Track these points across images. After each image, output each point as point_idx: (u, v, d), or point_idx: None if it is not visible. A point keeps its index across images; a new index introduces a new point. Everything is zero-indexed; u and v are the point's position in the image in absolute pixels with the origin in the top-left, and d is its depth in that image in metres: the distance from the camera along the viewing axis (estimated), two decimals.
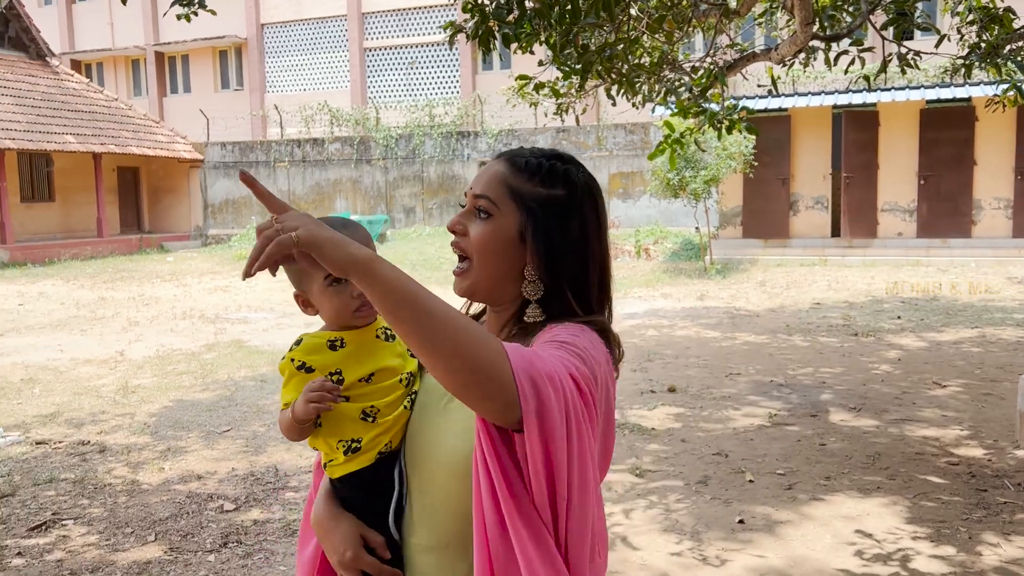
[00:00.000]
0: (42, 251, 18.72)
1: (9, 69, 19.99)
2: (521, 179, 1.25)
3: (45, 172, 21.05)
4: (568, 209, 1.24)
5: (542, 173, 1.26)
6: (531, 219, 1.23)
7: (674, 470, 4.76)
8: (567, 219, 1.24)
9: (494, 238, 1.24)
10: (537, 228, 1.23)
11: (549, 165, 1.27)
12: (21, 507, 4.32)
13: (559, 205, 1.24)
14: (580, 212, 1.25)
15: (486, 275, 1.25)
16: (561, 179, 1.26)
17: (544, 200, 1.24)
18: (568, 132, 19.46)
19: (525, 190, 1.24)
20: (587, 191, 1.27)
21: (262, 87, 26.35)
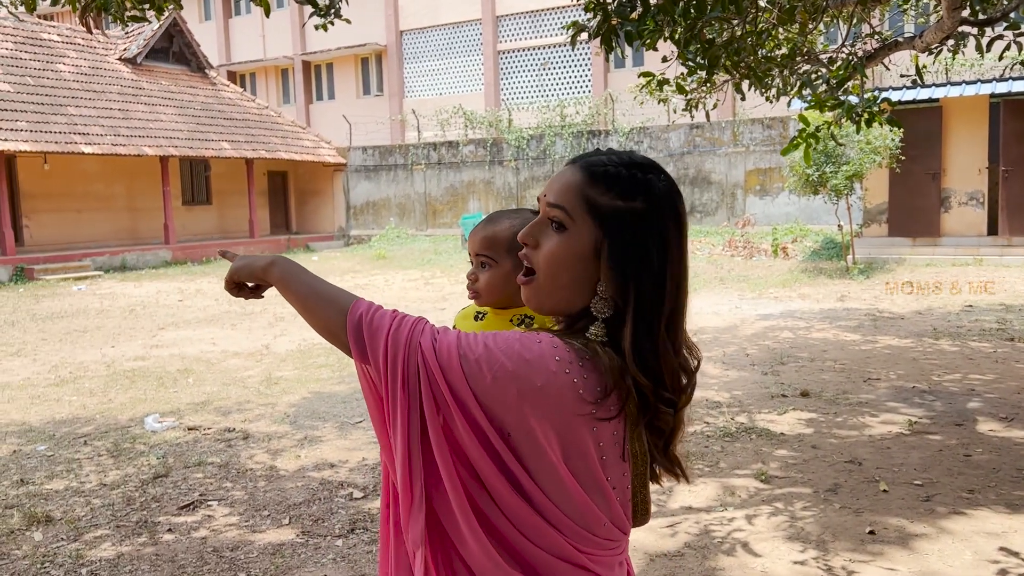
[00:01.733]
0: (200, 251, 20.11)
1: (173, 81, 21.59)
2: (598, 190, 1.19)
3: (203, 177, 22.61)
4: (647, 224, 1.18)
5: (621, 183, 1.19)
6: (607, 234, 1.18)
7: (802, 477, 4.60)
8: (646, 235, 1.18)
9: (567, 253, 1.20)
10: (613, 245, 1.17)
11: (629, 175, 1.19)
12: (173, 487, 4.68)
13: (638, 219, 1.18)
14: (660, 228, 1.18)
15: (554, 290, 1.22)
16: (641, 190, 1.19)
17: (622, 214, 1.18)
18: (702, 128, 19.06)
19: (602, 202, 1.18)
20: (669, 203, 1.20)
21: (401, 92, 27.24)
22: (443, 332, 1.19)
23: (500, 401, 1.13)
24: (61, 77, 18.88)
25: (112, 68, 20.47)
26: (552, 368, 1.12)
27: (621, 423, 1.18)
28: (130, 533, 4.05)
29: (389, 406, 1.19)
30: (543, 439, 1.14)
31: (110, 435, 5.75)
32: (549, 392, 1.11)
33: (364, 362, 1.21)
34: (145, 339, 9.77)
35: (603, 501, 1.20)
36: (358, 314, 1.21)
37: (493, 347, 1.14)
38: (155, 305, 12.81)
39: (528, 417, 1.13)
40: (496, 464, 1.17)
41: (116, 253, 18.66)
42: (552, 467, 1.16)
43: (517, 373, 1.12)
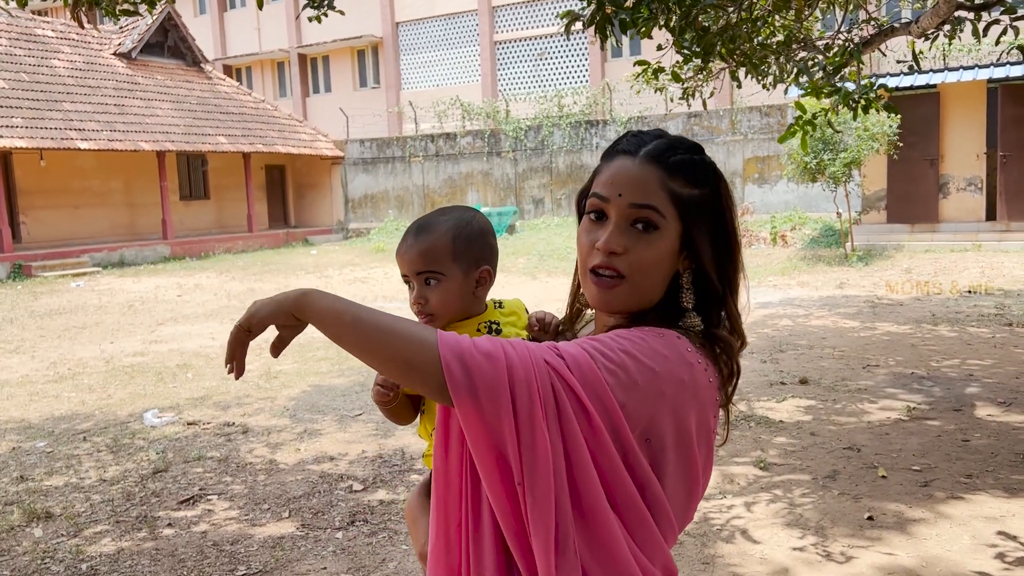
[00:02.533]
0: (198, 246, 20.10)
1: (169, 76, 21.53)
2: (679, 182, 1.18)
3: (201, 172, 22.57)
4: (721, 207, 1.21)
5: (695, 171, 1.19)
6: (691, 225, 1.18)
7: (801, 464, 4.60)
8: (722, 218, 1.20)
9: (662, 253, 1.18)
10: (700, 234, 1.18)
11: (699, 160, 1.20)
12: (173, 482, 4.69)
13: (715, 204, 1.20)
14: (731, 206, 1.22)
15: (645, 290, 1.19)
16: (711, 174, 1.20)
17: (700, 202, 1.19)
18: (700, 117, 19.01)
19: (684, 194, 1.18)
20: (722, 181, 1.22)
21: (397, 84, 27.17)
22: (562, 347, 1.10)
23: (648, 404, 1.09)
24: (56, 73, 18.82)
25: (107, 63, 20.41)
26: (689, 360, 1.13)
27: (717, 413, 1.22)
28: (130, 528, 4.06)
29: (521, 440, 1.03)
30: (693, 431, 1.14)
31: (109, 431, 5.75)
32: (693, 384, 1.13)
33: (471, 397, 1.03)
34: (144, 335, 9.77)
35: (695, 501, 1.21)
36: (458, 345, 1.05)
37: (631, 350, 1.10)
38: (154, 301, 12.81)
39: (676, 414, 1.12)
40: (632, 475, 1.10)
41: (114, 249, 18.64)
42: (690, 461, 1.16)
43: (660, 372, 1.10)
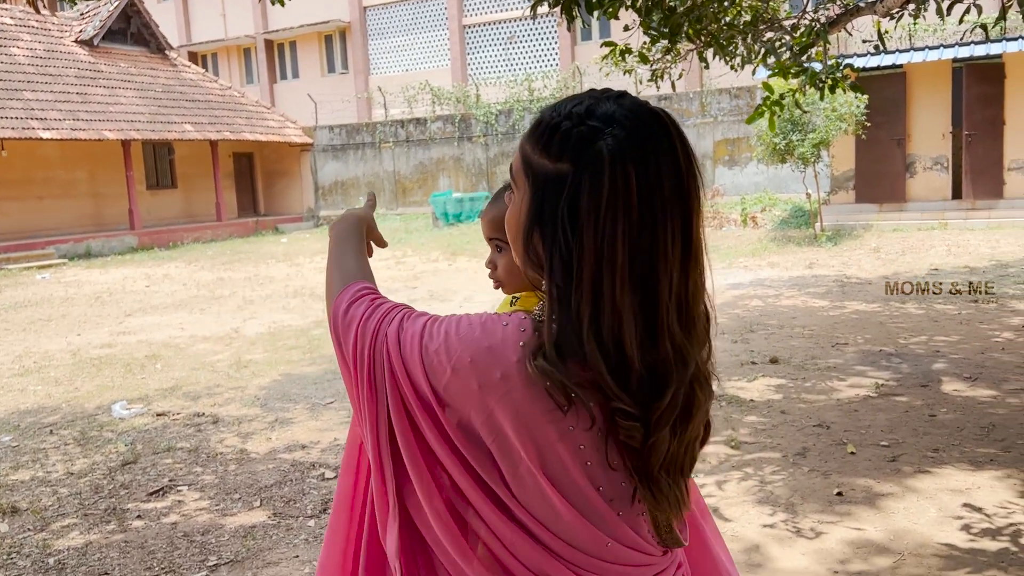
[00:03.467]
0: (167, 235, 19.83)
1: (132, 63, 21.15)
2: (534, 146, 1.01)
3: (168, 160, 22.24)
4: (565, 190, 0.96)
5: (555, 138, 0.98)
6: (532, 198, 1.00)
7: (772, 442, 4.64)
8: (559, 203, 0.97)
9: (512, 219, 1.06)
10: (532, 210, 1.00)
11: (567, 128, 0.98)
12: (142, 473, 4.63)
13: (560, 185, 0.97)
14: (575, 196, 0.95)
15: (516, 258, 1.08)
16: (573, 148, 0.97)
17: (547, 175, 0.98)
18: (669, 100, 19.04)
19: (534, 161, 1.00)
20: (598, 168, 0.95)
21: (366, 69, 26.92)
22: (413, 319, 1.05)
23: (463, 397, 0.99)
24: (15, 61, 18.41)
25: (68, 51, 20.00)
26: (513, 356, 0.96)
27: (600, 420, 0.98)
28: (98, 521, 4.00)
29: (357, 404, 1.08)
30: (516, 441, 0.98)
31: (77, 423, 5.66)
32: (512, 382, 0.96)
33: (340, 356, 1.11)
34: (112, 326, 9.63)
35: (598, 517, 1.01)
36: (341, 301, 1.13)
37: (453, 334, 0.99)
38: (121, 291, 12.63)
39: (495, 414, 0.98)
40: (469, 473, 1.01)
41: (80, 240, 18.34)
42: (530, 474, 0.99)
43: (477, 363, 0.97)
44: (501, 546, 1.03)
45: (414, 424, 1.04)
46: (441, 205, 18.76)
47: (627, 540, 1.04)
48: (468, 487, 1.02)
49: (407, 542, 1.08)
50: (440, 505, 1.04)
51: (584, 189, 0.95)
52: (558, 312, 0.96)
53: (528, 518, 1.01)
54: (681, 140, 1.00)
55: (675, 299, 0.98)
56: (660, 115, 1.00)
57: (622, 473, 1.02)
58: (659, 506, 1.03)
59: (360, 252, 1.26)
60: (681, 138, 1.00)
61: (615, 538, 1.03)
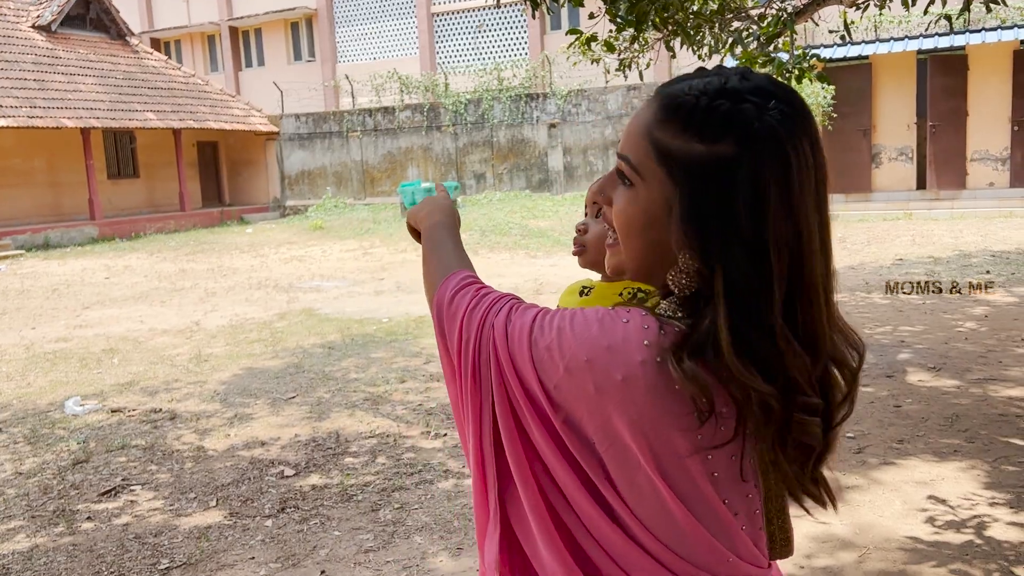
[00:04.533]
0: (129, 226, 19.44)
1: (91, 50, 20.67)
2: (671, 130, 0.91)
3: (129, 149, 21.79)
4: (735, 175, 0.87)
5: (700, 119, 0.89)
6: (680, 188, 0.90)
7: None
8: (733, 190, 0.87)
9: (636, 213, 0.94)
10: (688, 203, 0.89)
11: (712, 106, 0.88)
12: (94, 472, 4.49)
13: (722, 169, 0.87)
14: (755, 179, 0.87)
15: (633, 256, 0.98)
16: (730, 127, 0.87)
17: (700, 161, 0.88)
18: (639, 90, 19.03)
19: (675, 147, 0.90)
20: (773, 144, 0.87)
21: (333, 57, 26.58)
22: (522, 311, 0.98)
23: (576, 398, 0.91)
24: None
25: (25, 36, 19.48)
26: (638, 357, 0.87)
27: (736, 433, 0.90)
28: (46, 523, 3.86)
29: (460, 401, 1.03)
30: (634, 445, 0.90)
31: (28, 421, 5.49)
32: (634, 386, 0.87)
33: (445, 349, 1.07)
34: (68, 319, 9.39)
35: (722, 530, 0.94)
36: (445, 290, 1.08)
37: (568, 330, 0.91)
38: (80, 284, 12.34)
39: (612, 418, 0.89)
40: (578, 475, 0.94)
41: (38, 231, 17.91)
42: (649, 483, 0.91)
43: (594, 363, 0.88)
44: (607, 557, 0.95)
45: (519, 421, 0.97)
46: (410, 195, 18.00)
47: (748, 556, 0.97)
48: (574, 490, 0.95)
49: (507, 553, 1.03)
50: (543, 509, 0.97)
51: (766, 168, 0.87)
52: (739, 314, 0.86)
53: (639, 527, 0.93)
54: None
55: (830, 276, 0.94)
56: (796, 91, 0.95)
57: (749, 485, 0.96)
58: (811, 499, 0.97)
59: (457, 241, 1.21)
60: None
61: (737, 553, 0.96)
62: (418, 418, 5.14)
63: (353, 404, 5.54)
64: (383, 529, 3.63)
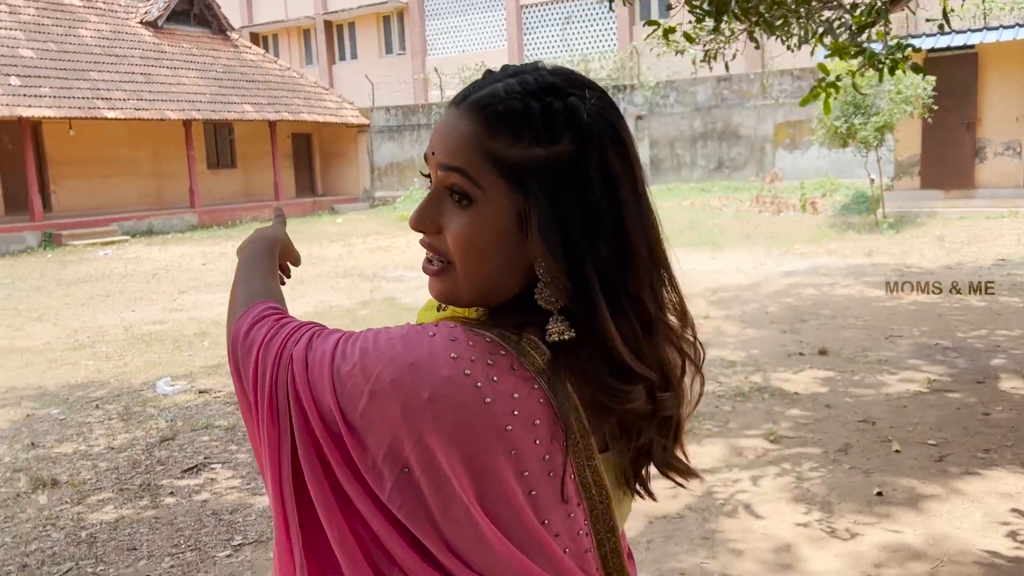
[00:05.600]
0: (226, 214, 20.21)
1: (194, 44, 21.53)
2: (504, 140, 0.85)
3: (227, 140, 22.63)
4: (583, 169, 0.85)
5: (532, 122, 0.84)
6: (530, 198, 0.84)
7: (813, 437, 4.49)
8: (585, 185, 0.85)
9: (483, 233, 0.87)
10: (543, 210, 0.84)
11: (540, 107, 0.85)
12: (179, 450, 4.70)
13: (569, 167, 0.84)
14: (603, 168, 0.85)
15: (480, 281, 0.89)
16: (564, 124, 0.84)
17: (545, 165, 0.84)
18: (730, 81, 18.63)
19: (512, 155, 0.85)
20: (606, 130, 0.86)
21: (423, 51, 26.95)
22: (324, 337, 0.89)
23: (384, 427, 0.81)
24: (83, 42, 18.90)
25: (133, 32, 20.45)
26: (444, 372, 0.81)
27: (556, 448, 0.84)
28: (132, 496, 4.08)
29: (257, 442, 0.91)
30: (448, 470, 0.81)
31: (122, 399, 5.79)
32: (442, 403, 0.80)
33: (240, 389, 0.94)
34: (165, 303, 9.84)
35: (541, 555, 0.85)
36: (242, 323, 0.97)
37: (371, 351, 0.83)
38: (178, 269, 12.91)
39: (425, 439, 0.81)
40: (390, 521, 0.84)
41: (142, 218, 18.81)
42: (464, 511, 0.82)
43: (399, 383, 0.81)
44: None
45: (323, 461, 0.85)
46: None
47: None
48: (389, 538, 0.84)
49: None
50: (360, 560, 0.85)
51: (609, 157, 0.86)
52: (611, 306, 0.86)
53: (461, 568, 0.84)
54: None
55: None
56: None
57: (571, 504, 0.87)
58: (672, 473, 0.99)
59: (269, 273, 1.11)
60: None
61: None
62: None
63: None
64: None
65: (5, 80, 16.27)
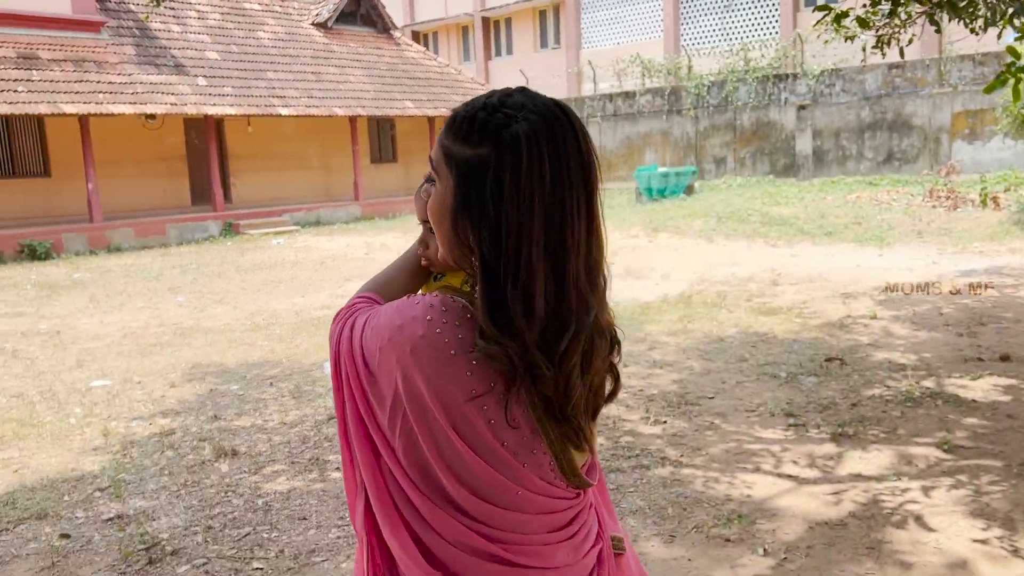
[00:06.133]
0: (387, 207, 21.07)
1: (361, 43, 22.54)
2: (451, 137, 1.15)
3: (389, 136, 23.57)
4: (489, 171, 1.09)
5: (472, 128, 1.12)
6: (457, 184, 1.13)
7: (993, 448, 4.18)
8: (485, 183, 1.10)
9: (437, 207, 1.18)
10: (459, 194, 1.13)
11: (482, 118, 1.12)
12: None
13: (483, 167, 1.10)
14: (498, 174, 1.09)
15: (441, 244, 1.22)
16: (490, 135, 1.10)
17: (469, 161, 1.12)
18: (902, 68, 17.53)
19: (455, 151, 1.14)
20: (514, 148, 1.09)
21: (578, 43, 26.97)
22: (361, 314, 1.23)
23: (388, 371, 1.14)
24: (261, 44, 20.20)
25: (305, 33, 21.65)
26: (419, 331, 1.11)
27: (499, 383, 1.12)
28: (303, 469, 4.35)
29: (334, 387, 1.27)
30: (429, 403, 1.12)
31: (293, 378, 6.18)
32: (420, 354, 1.11)
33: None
34: (331, 289, 10.40)
35: (505, 467, 1.16)
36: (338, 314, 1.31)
37: (381, 320, 1.16)
38: (343, 258, 13.59)
39: (412, 378, 1.12)
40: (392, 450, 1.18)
41: (312, 209, 19.92)
42: (443, 433, 1.13)
43: (393, 341, 1.13)
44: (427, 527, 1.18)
45: (359, 408, 1.19)
46: (645, 180, 18.48)
47: (534, 487, 1.18)
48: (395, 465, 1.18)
49: (372, 517, 1.23)
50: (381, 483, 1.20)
51: (506, 167, 1.09)
52: (488, 283, 1.11)
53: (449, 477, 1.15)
54: (580, 125, 1.15)
55: (583, 260, 1.13)
56: (561, 104, 1.16)
57: (523, 429, 1.15)
58: (569, 445, 1.19)
59: (398, 268, 1.41)
60: (579, 123, 1.16)
61: (523, 486, 1.17)
62: (639, 403, 5.17)
63: None
64: None
65: (193, 81, 17.67)
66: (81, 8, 17.01)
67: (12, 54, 15.60)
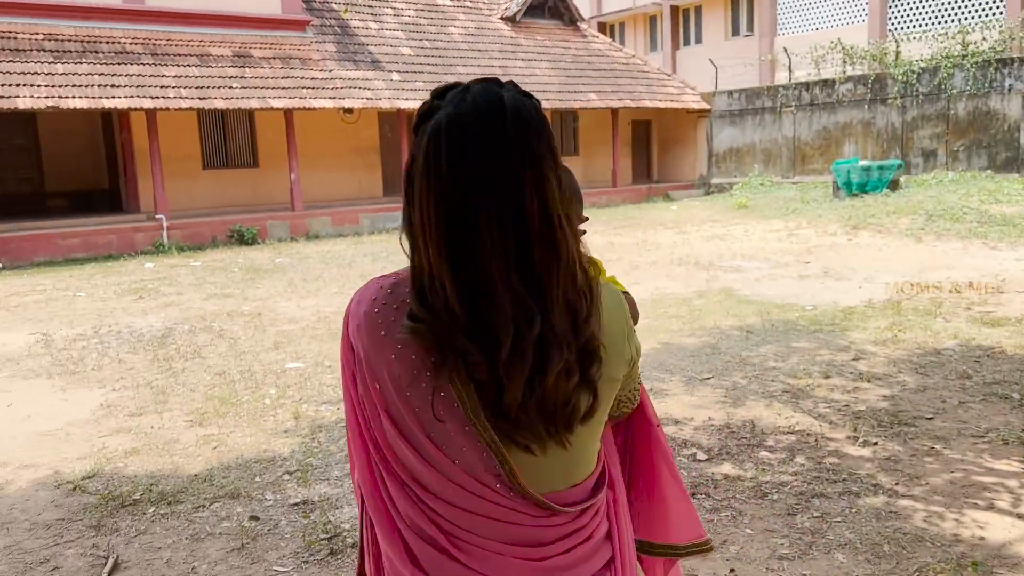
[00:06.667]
0: None
1: (547, 36, 22.59)
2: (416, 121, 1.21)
3: (572, 128, 23.49)
4: (420, 152, 1.12)
5: (418, 118, 1.16)
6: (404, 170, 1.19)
7: None
8: (419, 165, 1.12)
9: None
10: (406, 172, 1.17)
11: (429, 108, 1.15)
12: None
13: (416, 148, 1.14)
14: (427, 157, 1.11)
15: None
16: (418, 124, 1.15)
17: (413, 143, 1.16)
18: None
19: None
20: (422, 139, 1.12)
21: (772, 30, 25.68)
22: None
23: (359, 345, 1.17)
24: (452, 39, 20.68)
25: (494, 27, 21.96)
26: (363, 309, 1.17)
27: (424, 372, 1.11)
28: None
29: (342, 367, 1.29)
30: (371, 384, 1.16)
31: None
32: (361, 332, 1.16)
33: None
34: None
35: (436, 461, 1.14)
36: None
37: (354, 299, 1.21)
38: None
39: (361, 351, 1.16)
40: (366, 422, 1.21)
41: None
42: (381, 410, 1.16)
43: (349, 316, 1.20)
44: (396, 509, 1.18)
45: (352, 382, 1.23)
46: (844, 174, 17.24)
47: (469, 486, 1.13)
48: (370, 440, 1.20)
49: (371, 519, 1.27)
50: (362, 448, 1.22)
51: (416, 154, 1.12)
52: (413, 268, 1.13)
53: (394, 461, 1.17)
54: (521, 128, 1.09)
55: (513, 265, 1.06)
56: (507, 104, 1.10)
57: (449, 423, 1.12)
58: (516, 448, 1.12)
59: None
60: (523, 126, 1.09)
61: (454, 482, 1.14)
62: (844, 420, 4.69)
63: (771, 394, 5.25)
64: (800, 537, 3.35)
65: (388, 76, 18.37)
66: (290, 8, 18.12)
67: (228, 53, 16.87)
